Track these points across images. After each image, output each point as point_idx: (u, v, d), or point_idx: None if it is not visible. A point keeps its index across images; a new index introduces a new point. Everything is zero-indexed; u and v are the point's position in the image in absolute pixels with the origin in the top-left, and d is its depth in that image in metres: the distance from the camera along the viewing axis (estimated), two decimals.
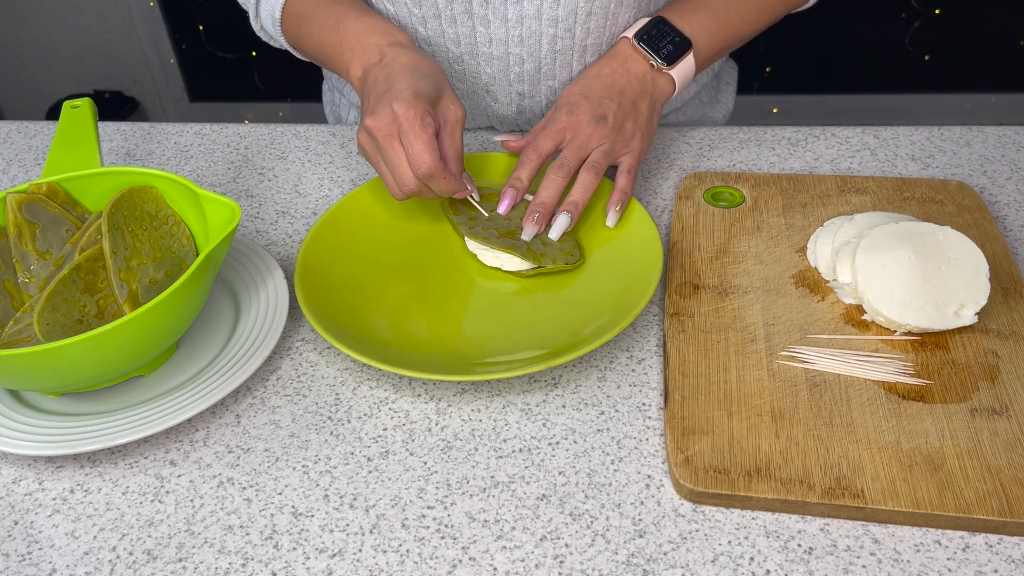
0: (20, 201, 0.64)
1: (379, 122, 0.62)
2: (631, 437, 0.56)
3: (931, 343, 0.59)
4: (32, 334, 0.60)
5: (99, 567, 0.51)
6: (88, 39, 2.33)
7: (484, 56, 0.78)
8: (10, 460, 0.58)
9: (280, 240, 0.75)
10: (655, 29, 0.73)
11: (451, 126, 0.65)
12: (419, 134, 0.61)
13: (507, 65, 0.78)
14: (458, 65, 0.80)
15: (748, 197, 0.73)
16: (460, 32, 0.77)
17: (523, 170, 0.70)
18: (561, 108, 0.71)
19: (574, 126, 0.70)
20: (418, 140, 0.61)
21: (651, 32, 0.73)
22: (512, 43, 0.77)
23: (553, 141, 0.70)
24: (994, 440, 0.53)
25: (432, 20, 0.77)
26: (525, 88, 0.80)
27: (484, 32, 0.76)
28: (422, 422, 0.58)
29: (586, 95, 0.71)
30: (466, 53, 0.78)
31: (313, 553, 0.51)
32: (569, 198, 0.68)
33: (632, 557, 0.49)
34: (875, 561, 0.48)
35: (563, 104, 0.72)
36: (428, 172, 0.62)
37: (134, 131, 0.93)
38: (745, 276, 0.66)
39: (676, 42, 0.73)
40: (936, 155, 0.80)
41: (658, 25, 0.74)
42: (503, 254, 0.68)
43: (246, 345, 0.62)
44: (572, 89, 0.73)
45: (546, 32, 0.76)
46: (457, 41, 0.78)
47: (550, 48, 0.77)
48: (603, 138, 0.69)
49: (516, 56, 0.78)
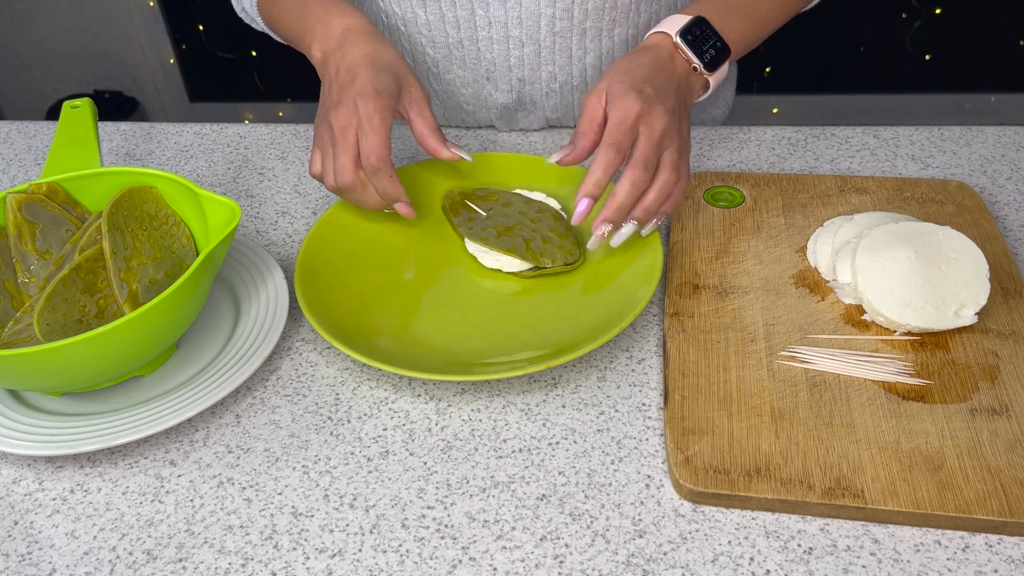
0: (20, 201, 0.64)
1: (340, 115, 0.64)
2: (631, 437, 0.56)
3: (931, 343, 0.59)
4: (32, 334, 0.60)
5: (99, 567, 0.51)
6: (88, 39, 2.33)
7: (484, 40, 0.79)
8: (10, 460, 0.58)
9: (280, 240, 0.75)
10: (697, 30, 0.69)
11: (418, 106, 0.67)
12: (376, 128, 0.63)
13: (507, 49, 0.79)
14: (458, 51, 0.80)
15: (748, 197, 0.73)
16: (460, 15, 0.78)
17: (602, 171, 0.62)
18: (631, 96, 0.63)
19: (648, 118, 0.63)
20: (374, 134, 0.63)
21: (694, 32, 0.69)
22: (511, 25, 0.77)
23: (631, 137, 0.62)
24: (994, 440, 0.53)
25: (432, 3, 0.78)
26: (525, 73, 0.81)
27: (483, 15, 0.77)
28: (422, 422, 0.58)
29: (653, 86, 0.64)
30: (466, 37, 0.79)
31: (313, 553, 0.51)
32: (645, 203, 0.63)
33: (632, 557, 0.49)
34: (875, 561, 0.48)
35: (626, 92, 0.63)
36: (375, 166, 0.64)
37: (134, 131, 0.93)
38: (745, 276, 0.66)
39: (718, 47, 0.69)
40: (936, 155, 0.80)
41: (700, 26, 0.69)
42: (503, 256, 0.68)
43: (246, 345, 0.62)
44: (635, 76, 0.64)
45: (544, 13, 0.77)
46: (457, 24, 0.79)
47: (549, 30, 0.78)
48: (674, 135, 0.64)
49: (516, 39, 0.78)
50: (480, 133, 0.87)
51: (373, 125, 0.63)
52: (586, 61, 0.81)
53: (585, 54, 0.80)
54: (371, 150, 0.63)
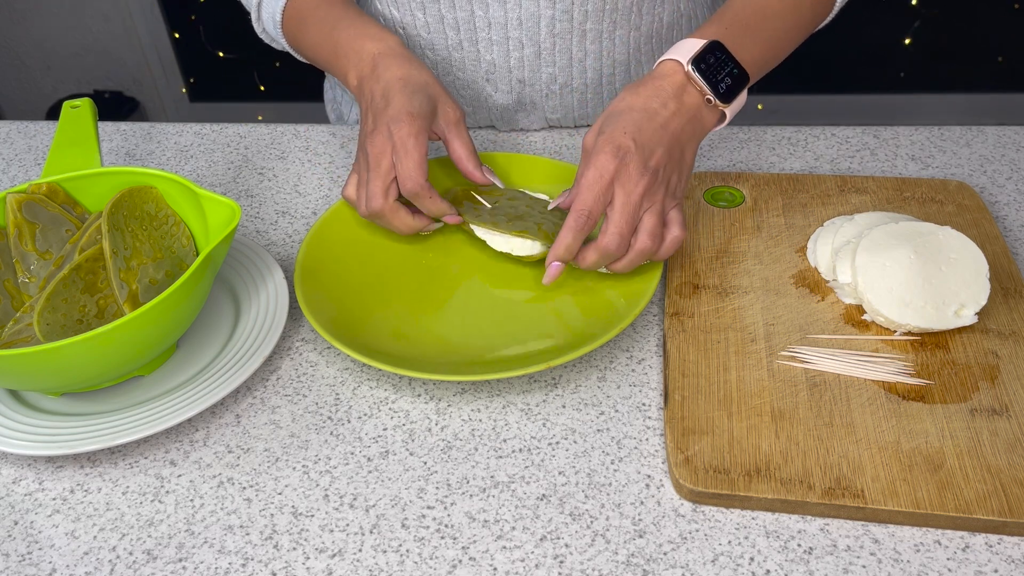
0: (20, 201, 0.64)
1: (376, 142, 0.65)
2: (631, 437, 0.56)
3: (931, 343, 0.59)
4: (32, 334, 0.60)
5: (99, 567, 0.51)
6: (88, 39, 2.33)
7: (484, 41, 0.79)
8: (10, 460, 0.58)
9: (280, 240, 0.75)
10: (712, 57, 0.63)
11: (454, 127, 0.68)
12: (410, 153, 0.63)
13: (507, 50, 0.79)
14: (457, 53, 0.80)
15: (748, 197, 0.73)
16: (459, 16, 0.78)
17: (572, 238, 0.61)
18: (606, 153, 0.60)
19: (624, 180, 0.60)
20: (409, 159, 0.63)
21: (708, 60, 0.63)
22: (511, 26, 0.77)
23: (603, 202, 0.60)
24: (994, 440, 0.53)
25: (431, 5, 0.78)
26: (525, 75, 0.81)
27: (483, 16, 0.77)
28: (422, 422, 0.58)
29: (636, 139, 0.60)
30: (466, 39, 0.79)
31: (313, 553, 0.51)
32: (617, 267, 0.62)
33: (632, 557, 0.49)
34: (875, 561, 0.48)
35: (609, 148, 0.60)
36: (413, 190, 0.64)
37: (134, 131, 0.93)
38: (745, 276, 0.66)
39: (735, 75, 0.64)
40: (936, 155, 0.80)
41: (715, 52, 0.63)
42: (514, 238, 0.67)
43: (246, 345, 0.62)
44: (619, 126, 0.61)
45: (544, 14, 0.76)
46: (456, 26, 0.78)
47: (548, 31, 0.78)
48: (656, 195, 0.61)
49: (515, 40, 0.78)
50: (480, 133, 0.87)
51: (407, 150, 0.63)
52: (586, 63, 0.81)
53: (585, 56, 0.80)
54: (407, 175, 0.64)
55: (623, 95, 0.63)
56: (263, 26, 0.80)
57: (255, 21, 0.80)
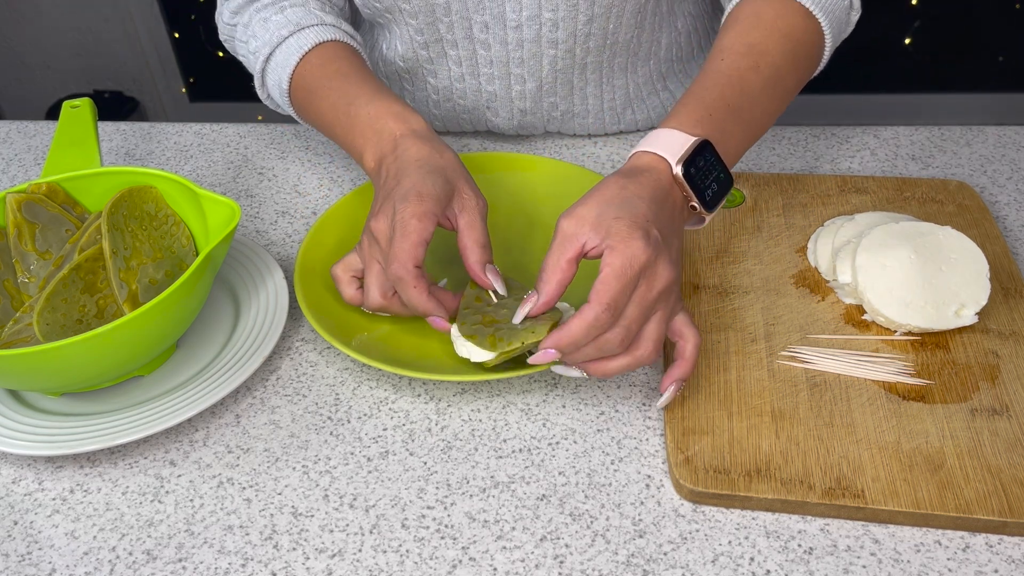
0: (20, 201, 0.64)
1: (379, 223, 0.59)
2: (631, 437, 0.56)
3: (931, 343, 0.59)
4: (32, 334, 0.60)
5: (99, 567, 0.51)
6: (88, 39, 2.33)
7: (486, 76, 0.79)
8: (10, 460, 0.58)
9: (280, 240, 0.75)
10: (701, 160, 0.56)
11: (469, 216, 0.59)
12: (408, 234, 0.56)
13: (508, 84, 0.79)
14: (459, 84, 0.80)
15: (748, 197, 0.73)
16: (462, 55, 0.78)
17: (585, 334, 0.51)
18: (634, 239, 0.51)
19: (650, 272, 0.52)
20: (405, 240, 0.56)
21: (697, 163, 0.56)
22: (513, 64, 0.77)
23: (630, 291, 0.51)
24: (994, 440, 0.53)
25: (434, 44, 0.78)
26: (527, 105, 0.81)
27: (485, 55, 0.77)
28: (422, 422, 0.58)
29: (657, 223, 0.53)
30: (468, 73, 0.79)
31: (313, 553, 0.51)
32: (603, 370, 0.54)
33: (632, 557, 0.49)
34: (875, 561, 0.48)
35: (631, 232, 0.51)
36: (396, 274, 0.56)
37: (134, 131, 0.93)
38: (745, 276, 0.66)
39: (721, 180, 0.57)
40: (936, 155, 0.80)
41: (704, 154, 0.56)
42: (468, 343, 0.57)
43: (246, 345, 0.62)
44: (630, 212, 0.52)
45: (546, 53, 0.76)
46: (459, 61, 0.79)
47: (551, 68, 0.77)
48: (670, 297, 0.54)
49: (517, 76, 0.78)
50: (480, 135, 0.87)
51: (406, 230, 0.56)
52: (587, 91, 0.81)
53: (586, 84, 0.80)
54: (394, 256, 0.56)
55: (611, 187, 0.54)
56: (268, 92, 0.76)
57: (259, 88, 0.76)
